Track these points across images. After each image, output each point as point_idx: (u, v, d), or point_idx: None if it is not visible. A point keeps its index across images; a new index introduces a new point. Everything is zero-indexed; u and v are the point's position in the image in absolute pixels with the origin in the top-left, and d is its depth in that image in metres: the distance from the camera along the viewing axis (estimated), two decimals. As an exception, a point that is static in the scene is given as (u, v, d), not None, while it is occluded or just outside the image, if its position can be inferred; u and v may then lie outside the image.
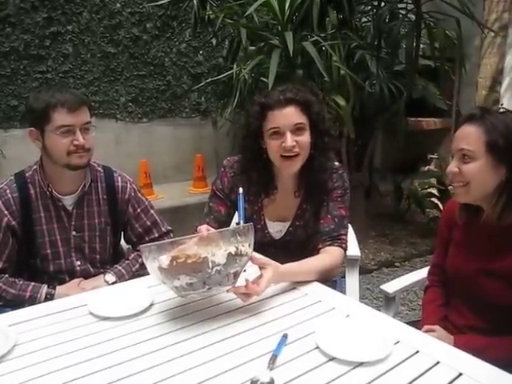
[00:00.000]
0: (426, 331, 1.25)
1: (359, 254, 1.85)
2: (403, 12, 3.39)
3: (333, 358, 0.98)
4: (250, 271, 1.23)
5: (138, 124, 4.72)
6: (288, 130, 1.44)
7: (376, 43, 3.29)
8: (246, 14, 2.86)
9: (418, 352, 1.01)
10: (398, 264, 3.48)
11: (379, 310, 1.41)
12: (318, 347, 1.02)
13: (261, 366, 0.95)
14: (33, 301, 1.45)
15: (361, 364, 0.96)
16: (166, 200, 4.34)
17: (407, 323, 1.26)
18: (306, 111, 1.46)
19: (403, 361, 0.98)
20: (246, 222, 1.62)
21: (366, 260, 3.55)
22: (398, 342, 1.04)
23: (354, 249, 1.88)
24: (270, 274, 1.21)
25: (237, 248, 1.13)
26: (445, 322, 1.35)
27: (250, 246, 1.17)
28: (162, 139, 4.83)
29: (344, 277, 1.85)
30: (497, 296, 1.22)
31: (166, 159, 4.82)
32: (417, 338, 1.07)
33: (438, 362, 0.97)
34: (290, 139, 1.43)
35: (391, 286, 1.59)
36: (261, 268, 1.22)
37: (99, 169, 1.67)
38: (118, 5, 4.32)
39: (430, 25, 3.25)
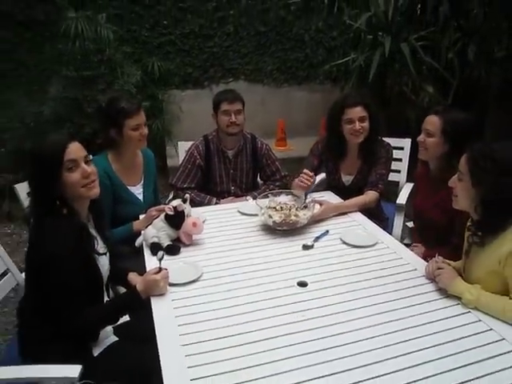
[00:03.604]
0: (414, 246, 2.22)
1: (404, 203, 2.79)
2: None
3: (345, 243, 2.07)
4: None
5: (279, 88, 5.90)
6: (356, 119, 2.46)
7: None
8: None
9: (388, 247, 2.04)
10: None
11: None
12: (340, 238, 2.11)
13: (309, 241, 2.08)
14: (208, 205, 2.73)
15: (356, 246, 2.03)
16: (296, 151, 5.50)
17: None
18: (367, 109, 2.46)
19: (376, 249, 2.02)
20: (328, 176, 2.72)
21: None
22: (382, 242, 2.08)
23: (402, 199, 2.82)
24: (324, 206, 2.30)
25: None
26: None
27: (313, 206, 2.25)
28: (298, 102, 5.95)
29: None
30: (437, 219, 2.12)
31: (300, 118, 5.94)
32: (390, 242, 2.09)
33: (394, 252, 1.99)
34: (358, 125, 2.45)
35: (412, 223, 2.56)
36: (320, 204, 2.31)
37: (248, 136, 2.88)
38: (269, -9, 5.41)
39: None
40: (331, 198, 2.60)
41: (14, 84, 4.63)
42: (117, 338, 1.76)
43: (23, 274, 1.96)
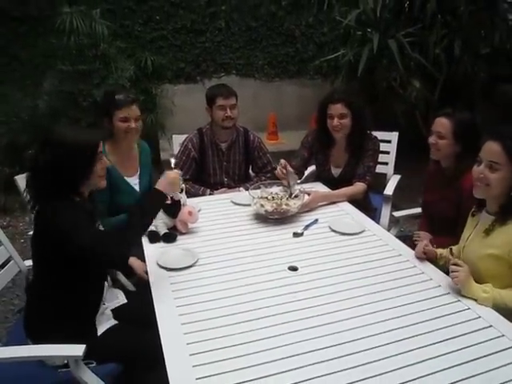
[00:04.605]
0: (419, 235, 2.28)
1: (391, 193, 2.90)
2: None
3: (333, 230, 2.17)
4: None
5: (271, 83, 5.98)
6: (336, 115, 2.55)
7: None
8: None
9: (374, 235, 2.15)
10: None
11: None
12: (329, 226, 2.21)
13: (300, 229, 2.18)
14: (202, 196, 2.82)
15: (344, 234, 2.14)
16: (287, 144, 5.60)
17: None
18: (349, 106, 2.55)
19: (363, 236, 2.13)
20: (317, 168, 2.82)
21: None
22: (368, 230, 2.19)
23: (389, 190, 2.94)
24: (313, 195, 2.41)
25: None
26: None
27: (304, 195, 2.34)
28: (289, 96, 6.04)
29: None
30: (444, 211, 2.18)
31: (291, 112, 6.02)
32: (377, 230, 2.20)
33: (380, 239, 2.10)
34: (336, 121, 2.56)
35: (398, 213, 2.66)
36: (308, 194, 2.41)
37: (241, 129, 2.97)
38: (260, -13, 5.49)
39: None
40: (320, 188, 2.70)
41: (9, 78, 4.68)
42: (117, 322, 1.84)
43: (24, 262, 2.07)
